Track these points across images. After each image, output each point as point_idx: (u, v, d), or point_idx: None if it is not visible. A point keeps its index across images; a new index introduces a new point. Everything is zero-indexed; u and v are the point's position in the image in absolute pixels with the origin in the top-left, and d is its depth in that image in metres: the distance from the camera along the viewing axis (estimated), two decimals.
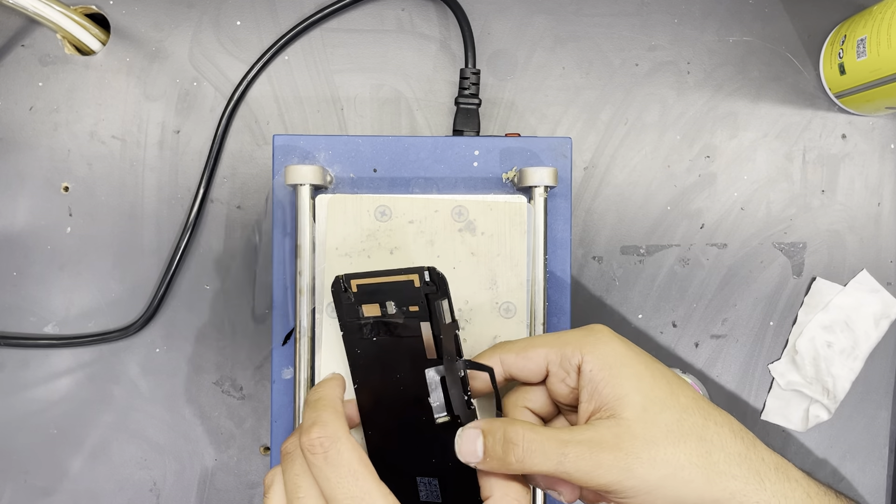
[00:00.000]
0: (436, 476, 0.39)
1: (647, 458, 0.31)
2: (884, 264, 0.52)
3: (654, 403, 0.33)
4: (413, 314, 0.37)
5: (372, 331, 0.38)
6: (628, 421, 0.32)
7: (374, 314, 0.38)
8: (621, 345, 0.35)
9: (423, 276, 0.36)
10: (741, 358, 0.52)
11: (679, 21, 0.52)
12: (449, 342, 0.37)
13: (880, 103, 0.48)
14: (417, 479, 0.39)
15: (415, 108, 0.51)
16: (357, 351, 0.39)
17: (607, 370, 0.33)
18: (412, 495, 0.39)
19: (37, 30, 0.51)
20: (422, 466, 0.39)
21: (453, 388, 0.37)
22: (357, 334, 0.38)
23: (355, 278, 0.38)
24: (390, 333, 0.38)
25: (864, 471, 0.52)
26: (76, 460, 0.51)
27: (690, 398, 0.34)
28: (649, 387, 0.33)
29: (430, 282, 0.36)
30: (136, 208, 0.51)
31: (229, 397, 0.51)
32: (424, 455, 0.38)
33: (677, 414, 0.33)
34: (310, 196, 0.42)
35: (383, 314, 0.37)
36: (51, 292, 0.51)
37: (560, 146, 0.44)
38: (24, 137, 0.51)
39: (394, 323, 0.37)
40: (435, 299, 0.36)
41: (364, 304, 0.38)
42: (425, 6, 0.51)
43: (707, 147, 0.52)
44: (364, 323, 0.38)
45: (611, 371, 0.33)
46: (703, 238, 0.52)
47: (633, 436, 0.32)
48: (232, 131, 0.51)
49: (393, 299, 0.37)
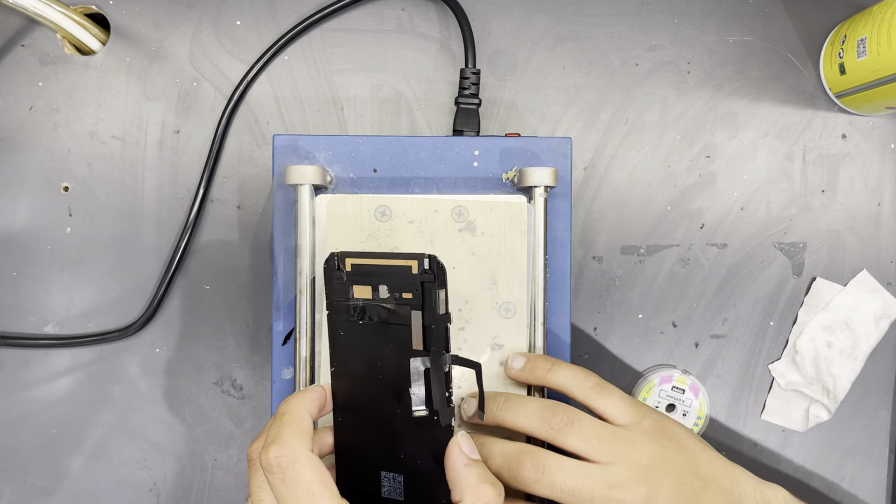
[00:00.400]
0: (401, 472, 0.37)
1: None
2: (884, 264, 0.52)
3: None
4: (405, 301, 0.36)
5: (359, 313, 0.37)
6: None
7: (365, 296, 0.36)
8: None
9: (422, 263, 0.35)
10: (741, 358, 0.52)
11: (679, 21, 0.52)
12: (440, 334, 0.35)
13: (880, 103, 0.48)
14: (382, 474, 0.38)
15: (415, 108, 0.51)
16: (340, 332, 0.37)
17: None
18: (374, 490, 0.38)
19: (37, 30, 0.51)
20: (388, 461, 0.37)
21: (436, 382, 0.36)
22: (343, 315, 0.37)
23: (351, 257, 0.36)
24: (378, 318, 0.36)
25: (864, 471, 0.52)
26: (76, 460, 0.51)
27: None
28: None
29: (428, 270, 0.35)
30: (136, 208, 0.51)
31: (229, 397, 0.51)
32: (393, 449, 0.37)
33: None
34: (310, 196, 0.42)
35: (374, 297, 0.36)
36: (51, 292, 0.51)
37: (560, 146, 0.44)
38: (24, 137, 0.51)
39: (383, 308, 0.36)
40: (432, 288, 0.35)
41: (356, 284, 0.36)
42: (425, 6, 0.51)
43: (707, 147, 0.52)
44: (353, 304, 0.37)
45: None
46: (703, 238, 0.52)
47: None
48: (232, 131, 0.51)
49: (387, 283, 0.36)
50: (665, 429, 0.38)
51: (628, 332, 0.51)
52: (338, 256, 0.37)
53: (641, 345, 0.51)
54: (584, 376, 0.40)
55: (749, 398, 0.52)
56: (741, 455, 0.51)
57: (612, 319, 0.51)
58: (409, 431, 0.36)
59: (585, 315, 0.51)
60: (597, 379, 0.40)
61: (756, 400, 0.52)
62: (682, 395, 0.50)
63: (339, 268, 0.37)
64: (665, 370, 0.51)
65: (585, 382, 0.39)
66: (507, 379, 0.42)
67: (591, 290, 0.51)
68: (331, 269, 0.37)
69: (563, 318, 0.44)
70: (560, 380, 0.40)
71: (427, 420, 0.36)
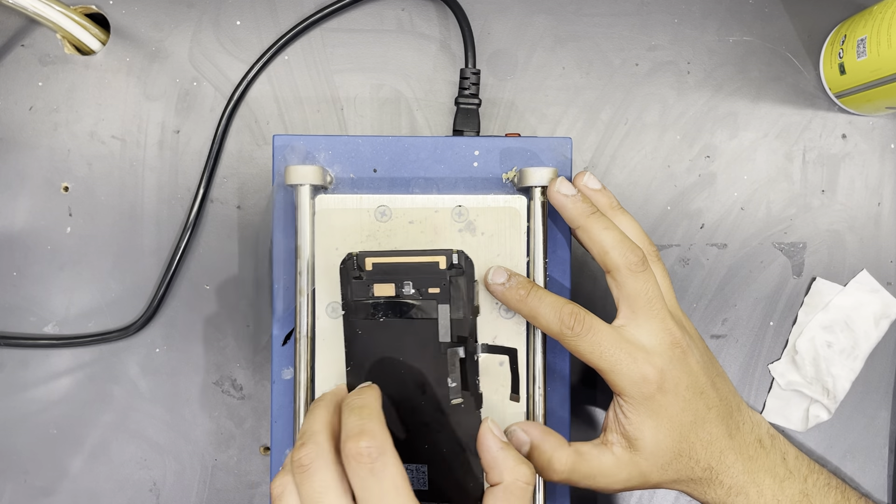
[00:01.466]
0: (425, 463, 0.38)
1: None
2: (884, 264, 0.52)
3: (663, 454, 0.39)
4: (431, 296, 0.37)
5: (380, 311, 0.38)
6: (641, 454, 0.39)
7: (387, 294, 0.38)
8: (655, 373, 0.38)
9: (450, 257, 0.37)
10: (741, 358, 0.52)
11: (679, 21, 0.52)
12: (472, 324, 0.37)
13: (880, 103, 0.48)
14: (404, 466, 0.39)
15: (415, 108, 0.51)
16: (358, 332, 0.38)
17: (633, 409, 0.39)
18: None
19: (37, 30, 0.51)
20: (411, 453, 0.38)
21: (471, 371, 0.37)
22: (362, 314, 0.38)
23: (371, 256, 0.37)
24: (401, 314, 0.37)
25: (864, 471, 0.52)
26: (76, 460, 0.51)
27: (704, 443, 0.39)
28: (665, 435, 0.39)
29: (457, 264, 0.37)
30: (136, 208, 0.51)
31: (229, 397, 0.51)
32: (416, 441, 0.38)
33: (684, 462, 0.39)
34: (310, 196, 0.42)
35: (398, 294, 0.37)
36: (51, 292, 0.51)
37: (560, 146, 0.44)
38: (24, 137, 0.51)
39: (408, 304, 0.37)
40: (465, 282, 0.37)
41: (377, 283, 0.37)
42: (425, 6, 0.51)
43: (707, 147, 0.52)
44: (374, 302, 0.38)
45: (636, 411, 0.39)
46: (703, 238, 0.52)
47: (641, 472, 0.39)
48: (232, 131, 0.51)
49: (411, 279, 0.37)
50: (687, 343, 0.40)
51: None
52: (357, 256, 0.37)
53: None
54: (559, 318, 0.38)
55: (749, 398, 0.52)
56: None
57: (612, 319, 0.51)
58: (433, 422, 0.38)
59: None
60: (576, 321, 0.38)
61: (756, 400, 0.52)
62: None
63: (358, 268, 0.37)
64: None
65: (563, 325, 0.38)
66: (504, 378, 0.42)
67: (591, 290, 0.51)
68: (348, 270, 0.38)
69: None
70: (534, 311, 0.39)
71: (459, 408, 0.38)
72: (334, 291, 0.41)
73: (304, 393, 0.41)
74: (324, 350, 0.42)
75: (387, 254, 0.38)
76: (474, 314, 0.38)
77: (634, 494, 0.51)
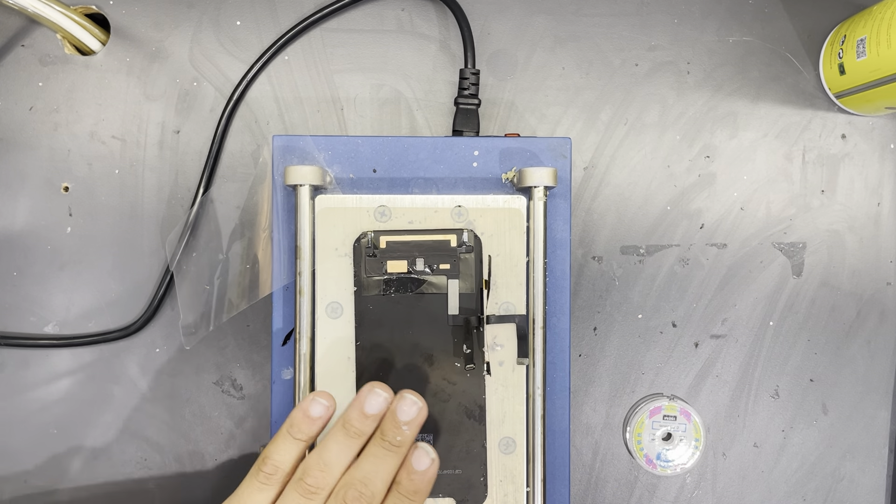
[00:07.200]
0: (430, 432, 0.41)
1: None
2: (883, 264, 0.52)
3: None
4: (442, 272, 0.40)
5: (392, 286, 0.40)
6: None
7: (400, 270, 0.40)
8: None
9: (461, 236, 0.40)
10: (741, 358, 0.52)
11: (679, 21, 0.52)
12: (481, 298, 0.40)
13: (880, 103, 0.48)
14: None
15: (415, 109, 0.51)
16: (370, 307, 0.41)
17: None
18: None
19: (37, 30, 0.51)
20: None
21: (479, 340, 0.40)
22: (374, 290, 0.41)
23: (385, 235, 0.40)
24: (413, 289, 0.40)
25: (864, 471, 0.52)
26: (76, 460, 0.51)
27: None
28: None
29: (467, 242, 0.40)
30: (136, 208, 0.51)
31: (229, 397, 0.51)
32: None
33: None
34: (309, 196, 0.42)
35: (410, 270, 0.40)
36: (51, 292, 0.51)
37: (560, 146, 0.44)
38: (24, 137, 0.51)
39: (419, 279, 0.40)
40: (474, 259, 0.40)
41: (391, 260, 0.40)
42: (425, 6, 0.51)
43: (707, 147, 0.52)
44: (386, 279, 0.40)
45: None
46: (703, 238, 0.52)
47: None
48: (232, 131, 0.51)
49: (423, 256, 0.40)
50: None
51: (628, 332, 0.51)
52: (371, 234, 0.40)
53: (641, 345, 0.51)
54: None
55: (749, 398, 0.52)
56: (741, 455, 0.52)
57: (612, 319, 0.51)
58: (440, 391, 0.40)
59: (585, 315, 0.51)
60: None
61: (756, 400, 0.52)
62: (674, 423, 0.50)
63: (372, 245, 0.40)
64: (652, 401, 0.50)
65: None
66: (504, 380, 0.42)
67: (590, 291, 0.51)
68: (361, 248, 0.40)
69: (562, 318, 0.44)
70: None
71: (466, 377, 0.41)
72: (334, 291, 0.41)
73: (304, 393, 0.41)
74: (324, 350, 0.42)
75: (400, 232, 0.40)
76: (482, 288, 0.40)
77: (634, 494, 0.51)
